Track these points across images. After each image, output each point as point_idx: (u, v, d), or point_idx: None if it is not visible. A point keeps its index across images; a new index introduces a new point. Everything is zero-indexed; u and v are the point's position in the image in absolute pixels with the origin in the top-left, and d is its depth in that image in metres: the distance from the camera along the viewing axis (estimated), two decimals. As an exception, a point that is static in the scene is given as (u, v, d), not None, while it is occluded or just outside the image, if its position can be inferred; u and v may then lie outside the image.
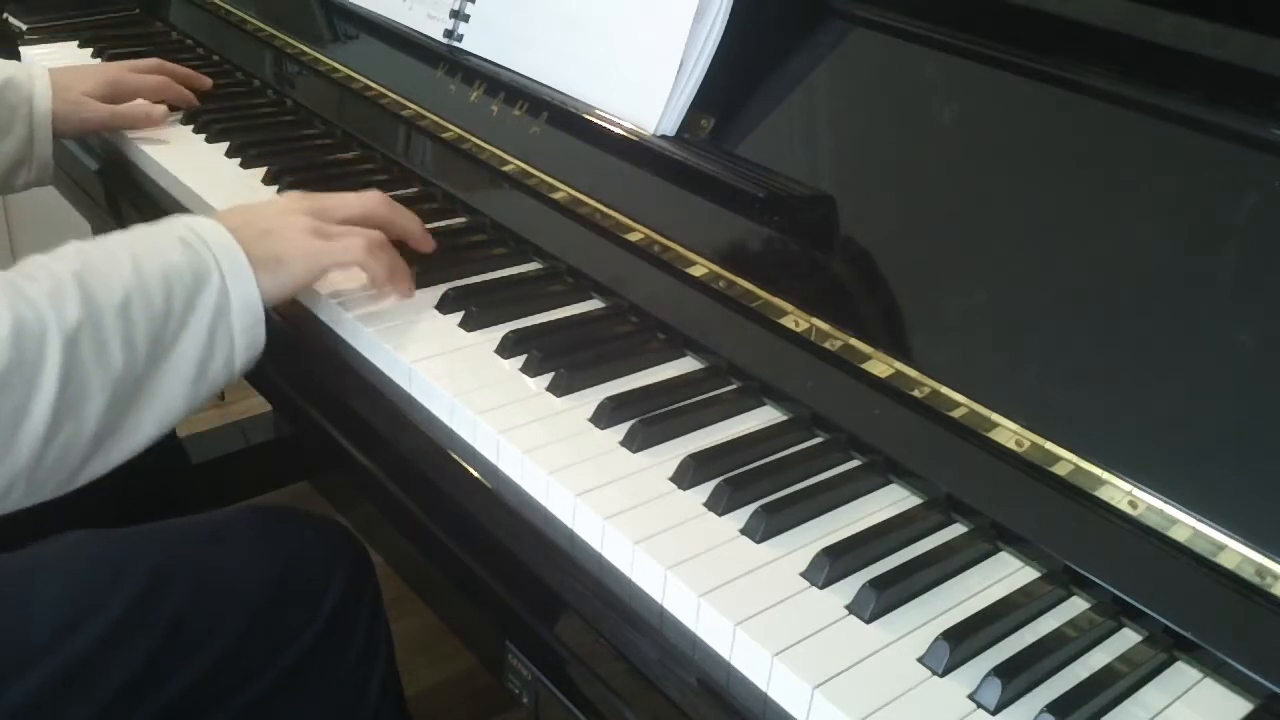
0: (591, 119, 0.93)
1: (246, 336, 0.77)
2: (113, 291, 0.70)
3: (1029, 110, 0.75)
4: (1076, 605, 0.64)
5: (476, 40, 1.05)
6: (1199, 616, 0.59)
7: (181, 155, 1.12)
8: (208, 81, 1.25)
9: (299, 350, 0.89)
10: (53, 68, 1.12)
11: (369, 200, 0.88)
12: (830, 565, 0.63)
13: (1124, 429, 0.65)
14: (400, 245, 0.90)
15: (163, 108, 1.16)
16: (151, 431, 0.74)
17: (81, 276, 0.70)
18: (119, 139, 1.16)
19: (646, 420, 0.74)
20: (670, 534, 0.65)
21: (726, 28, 0.87)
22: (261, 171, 1.09)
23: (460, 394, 0.76)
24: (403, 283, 0.86)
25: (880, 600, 0.61)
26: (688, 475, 0.70)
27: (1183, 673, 0.60)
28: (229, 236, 0.77)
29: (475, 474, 0.74)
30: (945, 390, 0.70)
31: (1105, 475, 0.64)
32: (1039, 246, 0.72)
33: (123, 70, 1.18)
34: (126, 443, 0.73)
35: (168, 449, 1.21)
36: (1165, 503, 0.62)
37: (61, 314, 0.67)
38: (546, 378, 0.78)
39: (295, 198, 0.87)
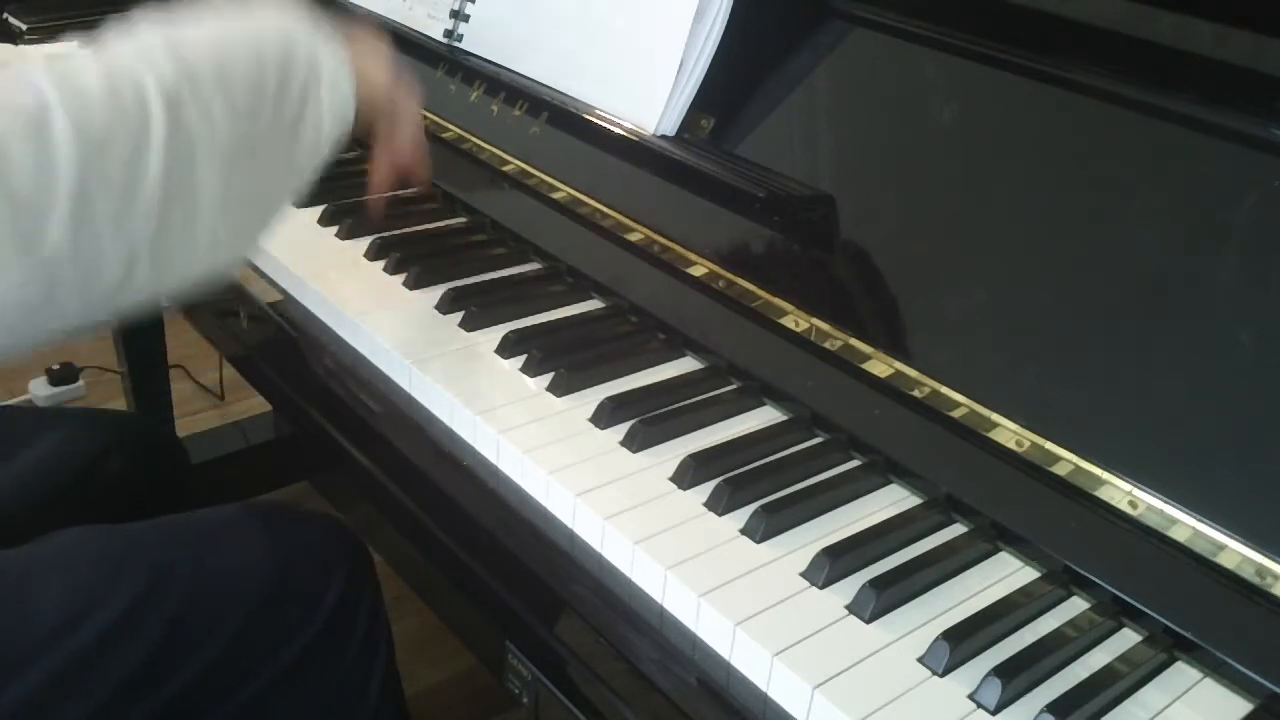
0: (591, 119, 0.93)
1: (333, 116, 0.71)
2: (203, 54, 0.65)
3: (1029, 110, 0.75)
4: (1076, 605, 0.64)
5: (476, 40, 1.05)
6: (1199, 616, 0.59)
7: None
8: None
9: (299, 350, 0.89)
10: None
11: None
12: (830, 565, 0.63)
13: (1124, 429, 0.65)
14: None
15: None
16: (259, 211, 0.69)
17: (169, 42, 0.65)
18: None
19: (646, 420, 0.74)
20: (670, 534, 0.65)
21: (726, 28, 0.87)
22: (261, 171, 1.09)
23: (460, 394, 0.76)
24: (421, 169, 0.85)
25: (880, 600, 0.61)
26: (688, 475, 0.70)
27: (1183, 673, 0.60)
28: (308, 21, 0.72)
29: (475, 474, 0.73)
30: (945, 390, 0.70)
31: (1105, 475, 0.64)
32: (1039, 246, 0.72)
33: None
34: (237, 221, 0.67)
35: (168, 449, 1.21)
36: (1165, 503, 0.62)
37: (158, 72, 0.62)
38: (546, 378, 0.78)
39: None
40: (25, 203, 0.56)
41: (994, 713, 0.56)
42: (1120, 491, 0.63)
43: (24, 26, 1.45)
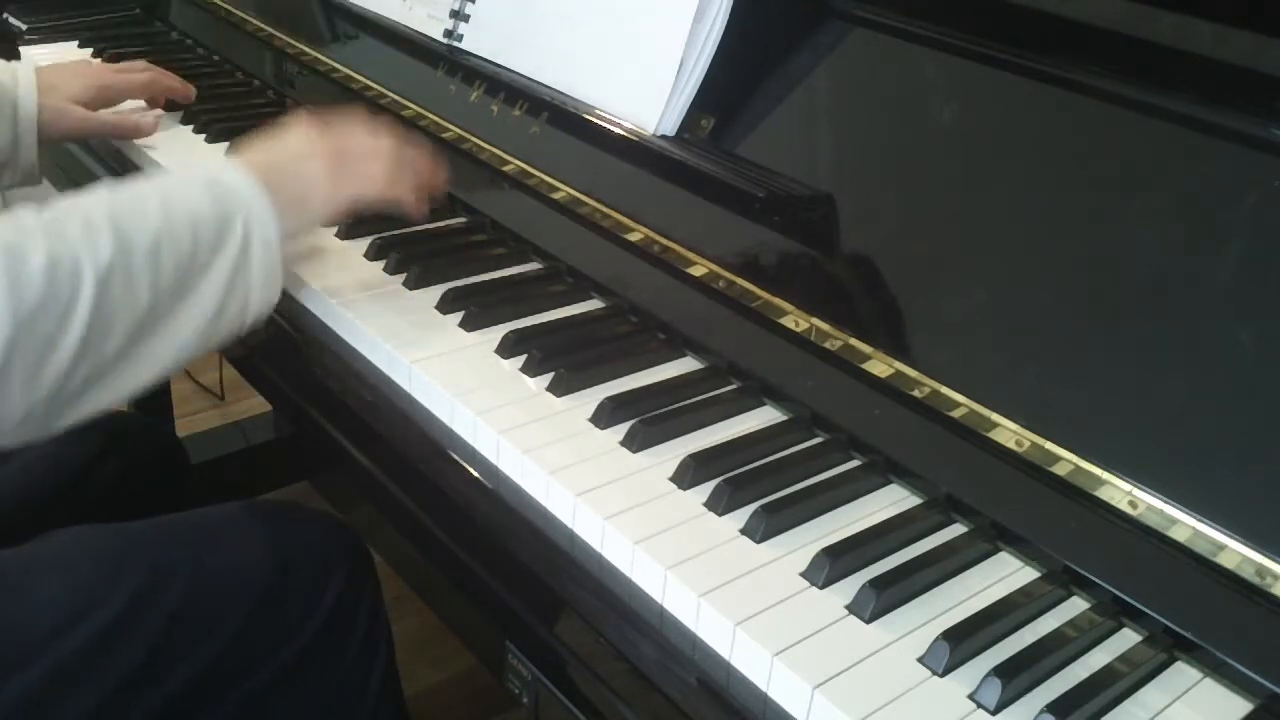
0: (591, 119, 0.93)
1: (263, 291, 0.77)
2: (144, 233, 0.71)
3: (1029, 110, 0.75)
4: (1076, 605, 0.64)
5: (476, 40, 1.05)
6: (1199, 616, 0.59)
7: (182, 155, 1.12)
8: (192, 92, 1.23)
9: (299, 350, 0.89)
10: (40, 66, 1.08)
11: (384, 145, 0.88)
12: (830, 565, 0.63)
13: (1124, 429, 0.65)
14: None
15: (151, 119, 1.14)
16: (159, 369, 0.75)
17: (114, 218, 0.71)
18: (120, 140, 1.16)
19: (646, 420, 0.74)
20: (670, 534, 0.65)
21: (726, 27, 0.87)
22: (261, 171, 1.09)
23: (460, 394, 0.76)
24: (432, 186, 0.90)
25: (880, 600, 0.61)
26: (688, 475, 0.70)
27: (1183, 673, 0.60)
28: (253, 184, 0.78)
29: (475, 474, 0.74)
30: (945, 390, 0.70)
31: (1105, 475, 0.64)
32: (1039, 246, 0.72)
33: (109, 73, 1.15)
34: (135, 378, 0.73)
35: (167, 449, 1.21)
36: (1165, 503, 0.62)
37: (95, 252, 0.68)
38: (546, 378, 0.78)
39: (313, 135, 0.85)
40: None
41: (994, 713, 0.56)
42: (1120, 491, 0.63)
43: (24, 26, 1.45)
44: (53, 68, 1.11)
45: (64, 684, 0.77)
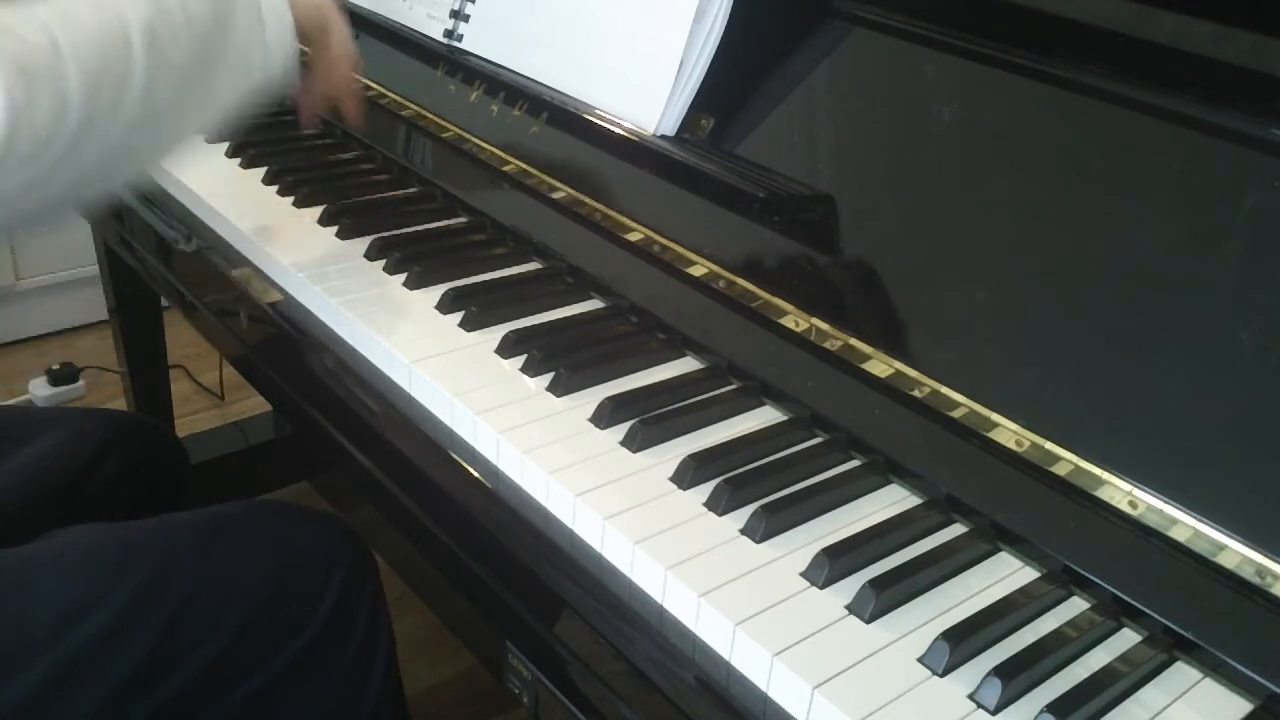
0: (591, 119, 0.93)
1: (280, 49, 0.83)
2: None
3: (1029, 110, 0.75)
4: (1076, 605, 0.64)
5: (476, 40, 1.05)
6: (1199, 616, 0.59)
7: (181, 154, 1.12)
8: None
9: (299, 350, 0.89)
10: None
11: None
12: (830, 565, 0.63)
13: (1124, 429, 0.65)
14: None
15: None
16: (203, 115, 0.80)
17: None
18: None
19: (646, 420, 0.74)
20: (670, 534, 0.65)
21: (726, 28, 0.87)
22: (261, 171, 1.09)
23: (460, 394, 0.76)
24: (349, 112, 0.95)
25: (880, 600, 0.61)
26: (688, 475, 0.70)
27: (1183, 673, 0.60)
28: None
29: (475, 474, 0.74)
30: (945, 390, 0.70)
31: (1105, 475, 0.64)
32: (1039, 246, 0.72)
33: None
34: (185, 119, 0.78)
35: (167, 448, 1.21)
36: (1165, 503, 0.62)
37: (135, 4, 0.73)
38: (546, 378, 0.78)
39: None
40: (43, 136, 0.67)
41: (994, 713, 0.56)
42: (1120, 491, 0.63)
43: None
44: None
45: (64, 684, 0.77)
